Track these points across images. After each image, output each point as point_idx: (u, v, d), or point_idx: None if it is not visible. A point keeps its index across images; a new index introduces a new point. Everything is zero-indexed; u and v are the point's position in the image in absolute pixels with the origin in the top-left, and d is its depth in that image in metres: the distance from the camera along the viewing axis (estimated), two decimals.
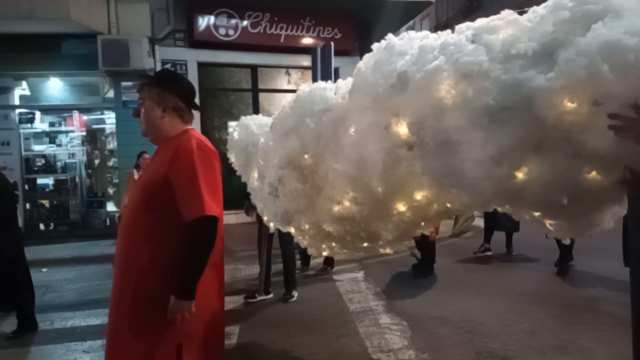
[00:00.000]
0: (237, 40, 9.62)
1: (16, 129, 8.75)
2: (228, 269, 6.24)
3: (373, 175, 2.50)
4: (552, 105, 1.72)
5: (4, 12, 7.28)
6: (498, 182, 1.92)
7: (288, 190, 3.29)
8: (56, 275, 6.64)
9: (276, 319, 4.67)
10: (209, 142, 2.14)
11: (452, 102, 2.05)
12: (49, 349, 4.19)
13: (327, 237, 3.17)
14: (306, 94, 3.20)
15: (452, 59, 2.05)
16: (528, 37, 1.93)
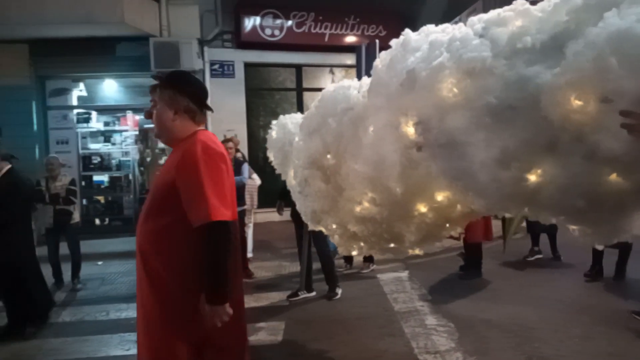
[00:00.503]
0: (282, 40, 9.73)
1: (74, 128, 9.21)
2: (273, 266, 6.35)
3: (391, 176, 2.42)
4: (557, 103, 1.58)
5: (63, 17, 7.68)
6: (507, 186, 1.79)
7: (312, 191, 3.30)
8: (111, 268, 6.96)
9: (320, 316, 4.70)
10: (217, 143, 2.10)
11: (455, 101, 1.95)
12: (105, 339, 4.40)
13: (353, 237, 3.12)
14: (330, 93, 3.18)
15: (456, 55, 1.94)
16: (537, 29, 1.80)
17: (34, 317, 4.66)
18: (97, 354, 4.07)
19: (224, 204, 1.95)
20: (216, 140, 2.14)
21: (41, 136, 8.90)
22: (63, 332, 4.59)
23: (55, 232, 5.97)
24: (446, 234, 2.78)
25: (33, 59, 8.61)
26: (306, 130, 3.32)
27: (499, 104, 1.77)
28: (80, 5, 7.62)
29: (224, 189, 1.99)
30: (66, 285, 6.05)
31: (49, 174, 5.97)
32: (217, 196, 1.94)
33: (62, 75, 9.05)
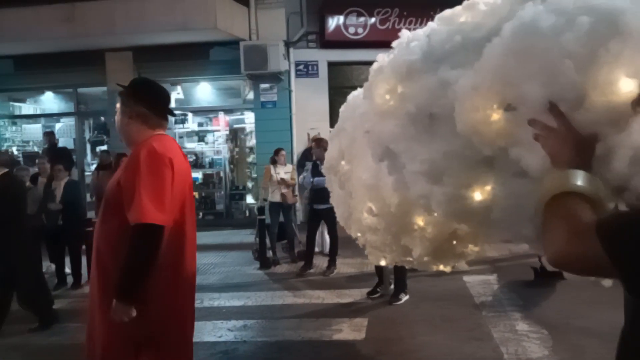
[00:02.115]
0: (365, 38, 9.72)
1: (172, 129, 9.92)
2: (355, 263, 6.39)
3: (386, 186, 2.24)
4: (462, 112, 1.36)
5: (162, 25, 8.33)
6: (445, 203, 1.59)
7: (333, 197, 3.27)
8: (204, 260, 7.43)
9: (404, 315, 4.66)
10: (167, 148, 2.09)
11: (386, 109, 1.82)
12: (199, 325, 4.68)
13: (372, 246, 3.03)
14: (353, 96, 3.12)
15: (393, 58, 1.82)
16: (475, 26, 1.58)
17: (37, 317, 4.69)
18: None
19: (158, 208, 1.95)
20: (170, 145, 2.14)
21: None
22: None
23: None
24: (465, 252, 2.48)
25: (136, 65, 9.41)
26: (330, 135, 3.32)
27: (419, 112, 1.62)
28: (177, 14, 8.21)
29: (163, 193, 1.99)
30: None
31: None
32: (153, 199, 1.95)
33: (162, 80, 9.74)
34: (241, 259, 7.31)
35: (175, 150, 2.16)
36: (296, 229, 7.38)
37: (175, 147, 2.21)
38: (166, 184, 2.01)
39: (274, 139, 8.71)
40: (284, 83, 9.35)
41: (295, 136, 9.42)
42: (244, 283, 6.13)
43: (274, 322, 4.68)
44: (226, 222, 9.77)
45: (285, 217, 7.06)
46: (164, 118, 2.26)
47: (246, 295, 5.60)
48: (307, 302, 5.26)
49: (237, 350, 4.09)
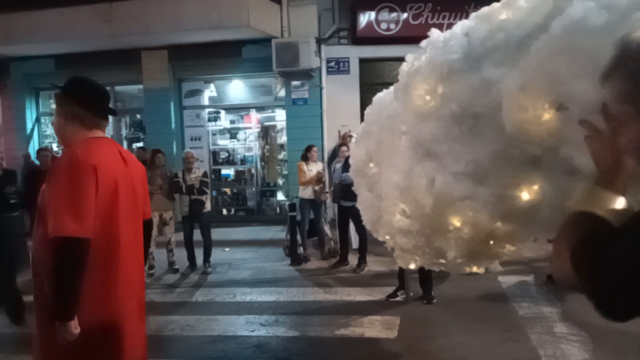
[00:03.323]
0: (397, 33, 9.61)
1: (205, 126, 10.11)
2: (387, 261, 6.33)
3: (419, 187, 2.20)
4: (511, 112, 1.32)
5: (197, 24, 8.46)
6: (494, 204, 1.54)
7: (360, 200, 3.21)
8: (236, 255, 7.53)
9: (437, 314, 4.60)
10: (92, 155, 1.97)
11: (427, 110, 1.76)
12: (232, 319, 4.79)
13: (402, 249, 2.96)
14: (378, 98, 3.05)
15: (431, 58, 1.76)
16: (516, 23, 1.50)
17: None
18: (225, 333, 4.45)
19: (76, 219, 1.85)
20: (98, 150, 2.02)
21: (178, 133, 9.92)
22: (197, 310, 5.09)
23: (190, 219, 6.62)
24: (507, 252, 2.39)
25: (171, 64, 9.62)
26: (356, 137, 3.27)
27: (463, 113, 1.57)
28: (211, 13, 8.33)
29: (83, 203, 1.88)
30: (198, 268, 6.67)
31: (185, 167, 6.63)
32: (70, 210, 1.85)
33: (196, 78, 9.98)
34: (272, 255, 7.37)
35: (105, 156, 2.04)
36: (327, 226, 7.37)
37: (106, 151, 2.07)
38: (87, 193, 1.90)
39: (304, 136, 8.73)
40: (315, 80, 9.35)
41: (326, 133, 9.42)
42: (275, 279, 6.18)
43: (305, 318, 4.70)
44: (257, 218, 9.87)
45: (315, 214, 7.07)
46: (102, 118, 2.17)
47: (278, 290, 5.64)
48: (338, 299, 5.26)
49: (269, 344, 4.12)
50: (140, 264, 2.23)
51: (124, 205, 2.05)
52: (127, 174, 2.11)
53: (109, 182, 1.99)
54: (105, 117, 2.19)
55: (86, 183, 1.91)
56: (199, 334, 4.43)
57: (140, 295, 2.23)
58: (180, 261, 6.69)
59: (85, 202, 1.89)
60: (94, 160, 1.95)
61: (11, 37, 9.00)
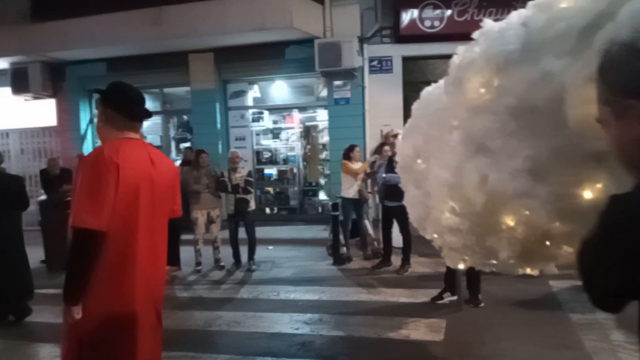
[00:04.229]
0: (442, 31, 9.43)
1: (249, 126, 10.27)
2: (431, 262, 6.24)
3: (470, 184, 2.11)
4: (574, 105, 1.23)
5: (242, 26, 8.61)
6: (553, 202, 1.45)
7: (407, 197, 3.10)
8: (280, 253, 7.62)
9: (485, 318, 4.49)
10: (118, 153, 2.06)
11: (481, 103, 1.67)
12: (277, 317, 4.85)
13: (451, 248, 2.82)
14: (427, 93, 2.95)
15: (486, 49, 1.65)
16: (578, 11, 1.39)
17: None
18: (270, 330, 4.51)
19: (92, 212, 1.96)
20: (124, 150, 2.11)
21: (223, 133, 10.13)
22: (242, 306, 5.19)
23: (235, 217, 6.76)
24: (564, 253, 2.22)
25: (217, 65, 9.82)
26: (403, 133, 3.19)
27: (520, 105, 1.49)
28: (255, 15, 8.45)
29: (100, 197, 1.98)
30: (243, 266, 6.80)
31: (230, 167, 6.77)
32: (88, 203, 1.97)
33: (241, 79, 10.15)
34: (314, 254, 7.41)
35: (130, 155, 2.12)
36: (370, 226, 7.34)
37: (132, 151, 2.15)
38: (106, 188, 2.00)
39: (346, 136, 8.71)
40: (357, 79, 9.32)
41: (368, 133, 9.37)
42: (318, 278, 6.21)
43: (349, 318, 4.69)
44: (299, 218, 9.94)
45: (357, 213, 7.05)
46: (134, 120, 2.26)
47: (321, 289, 5.66)
48: (382, 299, 5.22)
49: (313, 343, 4.15)
50: (157, 262, 2.25)
51: (145, 203, 2.13)
52: (153, 174, 2.19)
53: (131, 181, 2.07)
54: (136, 120, 2.28)
55: (106, 179, 2.01)
56: (245, 330, 4.51)
57: (156, 291, 2.26)
58: (226, 258, 6.85)
59: (103, 196, 2.00)
60: (118, 158, 2.05)
61: (67, 42, 9.46)
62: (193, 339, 4.28)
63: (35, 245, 7.48)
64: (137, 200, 2.09)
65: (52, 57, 10.13)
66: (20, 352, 4.22)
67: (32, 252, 7.57)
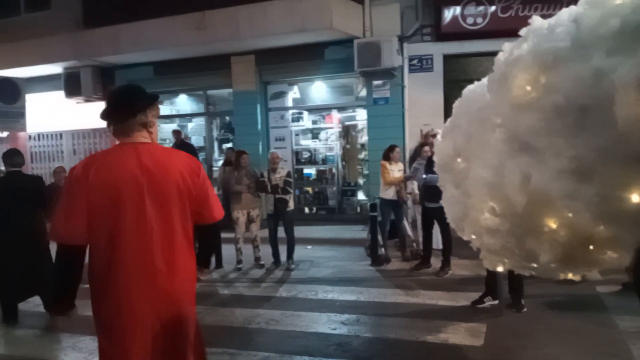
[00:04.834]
0: (485, 28, 9.22)
1: (289, 127, 10.40)
2: (471, 265, 6.13)
3: (511, 184, 2.05)
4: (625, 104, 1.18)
5: (282, 28, 8.74)
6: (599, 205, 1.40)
7: (445, 197, 3.02)
8: (318, 253, 7.69)
9: (527, 324, 4.38)
10: (93, 161, 2.08)
11: (526, 101, 1.63)
12: (315, 316, 4.91)
13: (489, 250, 2.74)
14: (469, 91, 2.87)
15: (534, 46, 1.60)
16: (634, 8, 1.33)
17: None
18: (308, 329, 4.57)
19: (63, 224, 2.02)
20: (101, 157, 2.13)
21: (264, 134, 10.30)
22: (281, 305, 5.27)
23: (275, 217, 6.87)
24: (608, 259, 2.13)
25: (258, 67, 10.01)
26: (443, 131, 3.13)
27: (568, 104, 1.44)
28: (296, 17, 8.56)
29: (70, 210, 2.03)
30: (282, 264, 6.90)
31: (270, 167, 6.89)
32: (59, 217, 2.05)
33: (281, 80, 10.30)
34: (353, 254, 7.42)
35: (106, 164, 2.08)
36: (408, 227, 7.29)
37: (114, 159, 2.11)
38: (75, 202, 2.02)
39: (386, 136, 8.67)
40: (397, 79, 9.25)
41: (408, 132, 9.29)
42: (356, 278, 6.23)
43: (386, 320, 4.69)
44: (338, 217, 9.98)
45: (396, 214, 7.01)
46: (121, 120, 2.16)
47: (358, 290, 5.68)
48: (420, 302, 5.18)
49: (350, 344, 4.17)
50: (167, 265, 2.11)
51: (133, 209, 2.05)
52: (142, 179, 2.07)
53: (105, 189, 2.03)
54: (122, 119, 2.16)
55: (72, 190, 2.05)
56: (283, 329, 4.59)
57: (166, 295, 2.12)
58: (265, 257, 6.98)
59: (72, 210, 2.03)
60: (88, 170, 2.04)
61: (117, 47, 9.90)
62: (233, 335, 4.40)
63: None
64: (117, 207, 2.03)
65: (103, 62, 10.63)
66: (63, 342, 4.46)
67: None
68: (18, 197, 4.99)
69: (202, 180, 2.24)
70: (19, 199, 4.99)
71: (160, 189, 2.10)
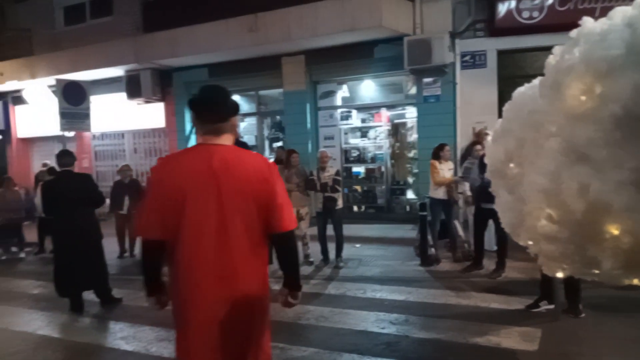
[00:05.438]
0: (541, 22, 8.86)
1: (337, 126, 10.45)
2: (527, 267, 5.95)
3: (569, 190, 1.97)
4: None
5: (332, 28, 8.80)
6: None
7: (499, 202, 2.92)
8: (367, 251, 7.70)
9: (585, 330, 4.21)
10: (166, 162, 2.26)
11: (582, 111, 1.57)
12: (363, 315, 4.94)
13: (548, 256, 2.62)
14: (519, 93, 2.74)
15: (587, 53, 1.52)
16: None
17: None
18: (356, 327, 4.60)
19: (142, 220, 2.19)
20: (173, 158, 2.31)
21: (313, 133, 10.42)
22: (330, 302, 5.34)
23: (324, 215, 6.96)
24: None
25: (308, 67, 10.13)
26: (493, 135, 3.03)
27: (625, 114, 1.39)
28: (346, 16, 8.60)
29: (148, 207, 2.18)
30: (331, 262, 6.98)
31: (319, 166, 6.97)
32: (142, 212, 2.21)
33: (330, 79, 10.37)
34: (402, 253, 7.38)
35: (178, 164, 2.19)
36: (460, 227, 7.16)
37: (186, 160, 2.19)
38: (150, 198, 2.19)
39: (436, 134, 8.55)
40: (449, 76, 9.08)
41: (459, 131, 9.10)
42: (405, 278, 6.20)
43: (436, 321, 4.64)
44: (387, 216, 9.93)
45: (446, 214, 6.91)
46: (213, 122, 2.20)
47: (407, 290, 5.66)
48: (472, 304, 5.09)
49: (399, 344, 4.17)
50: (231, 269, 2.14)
51: (197, 213, 2.10)
52: (210, 182, 2.11)
53: (174, 190, 2.11)
54: (213, 121, 2.20)
55: (152, 190, 2.21)
56: (332, 326, 4.65)
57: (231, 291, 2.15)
58: (314, 254, 7.08)
59: (150, 207, 2.19)
60: (161, 170, 2.22)
61: (175, 51, 10.34)
62: (284, 330, 4.50)
63: None
64: (185, 207, 2.10)
65: (161, 65, 11.12)
66: (124, 332, 4.74)
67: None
68: (69, 195, 5.38)
69: (271, 186, 2.21)
70: (70, 197, 5.37)
71: (228, 192, 2.12)
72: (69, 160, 5.61)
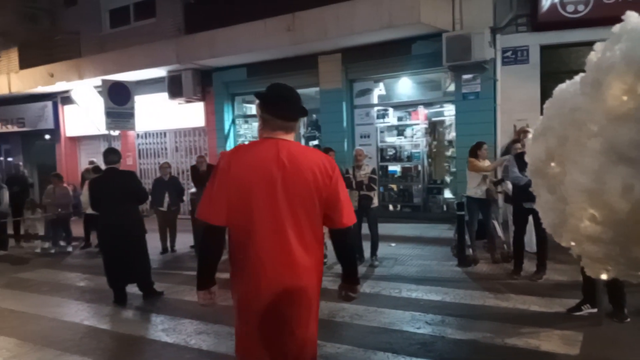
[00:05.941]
0: (587, 15, 8.52)
1: (374, 124, 10.41)
2: (569, 269, 5.77)
3: (612, 190, 1.92)
4: None
5: (369, 26, 8.75)
6: None
7: (539, 202, 2.80)
8: (402, 251, 7.65)
9: (629, 336, 4.05)
10: (241, 151, 2.23)
11: (624, 111, 1.54)
12: (398, 314, 4.92)
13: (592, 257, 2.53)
14: (561, 91, 2.63)
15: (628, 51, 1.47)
16: None
17: None
18: (391, 326, 4.59)
19: (204, 205, 2.19)
20: (249, 149, 2.26)
21: (349, 131, 10.42)
22: (365, 301, 5.32)
23: (359, 213, 6.93)
24: None
25: (344, 66, 10.14)
26: (534, 133, 2.93)
27: None
28: (383, 13, 8.54)
29: (214, 194, 2.17)
30: (366, 261, 6.97)
31: (355, 164, 6.97)
32: (205, 198, 2.21)
33: (367, 78, 10.33)
34: (438, 253, 7.29)
35: (249, 155, 2.20)
36: (499, 227, 6.99)
37: (257, 152, 2.21)
38: (219, 186, 2.17)
39: (475, 132, 8.38)
40: (489, 72, 8.87)
41: (500, 128, 8.88)
42: (441, 278, 6.12)
43: (473, 323, 4.57)
44: (423, 216, 9.82)
45: (484, 214, 6.76)
46: (287, 119, 2.26)
47: (444, 290, 5.59)
48: (511, 306, 4.98)
49: (435, 344, 4.13)
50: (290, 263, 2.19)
51: (261, 202, 2.15)
52: (277, 175, 2.16)
53: (243, 180, 2.15)
54: (288, 119, 2.27)
55: (220, 178, 2.18)
56: (367, 324, 4.65)
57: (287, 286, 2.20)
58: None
59: (217, 193, 2.17)
60: (234, 157, 2.20)
61: (215, 51, 10.57)
62: (319, 327, 4.53)
63: (187, 233, 8.58)
64: (250, 197, 2.14)
65: (202, 65, 11.39)
66: (165, 324, 4.90)
67: (184, 238, 8.70)
68: (114, 192, 5.61)
69: (334, 182, 2.27)
70: (115, 193, 5.60)
71: (292, 185, 2.18)
72: (114, 158, 5.85)
